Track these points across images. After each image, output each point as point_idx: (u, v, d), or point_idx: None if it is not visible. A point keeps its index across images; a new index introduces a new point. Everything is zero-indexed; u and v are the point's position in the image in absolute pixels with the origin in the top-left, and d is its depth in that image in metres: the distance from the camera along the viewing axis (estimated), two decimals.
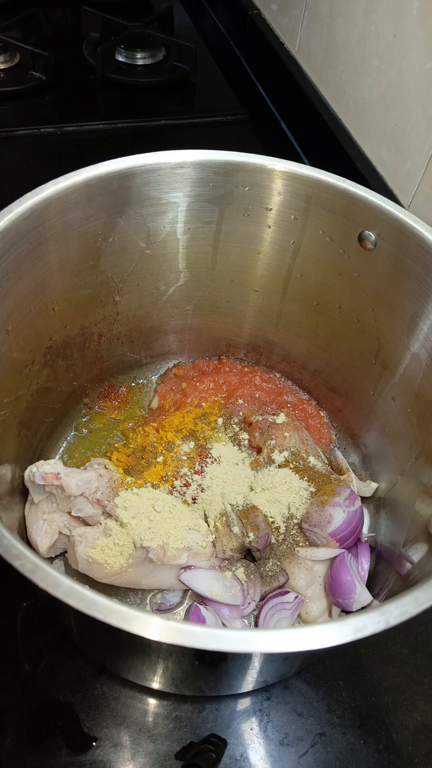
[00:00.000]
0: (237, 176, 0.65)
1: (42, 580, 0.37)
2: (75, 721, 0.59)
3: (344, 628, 0.37)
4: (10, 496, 0.63)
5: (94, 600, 0.36)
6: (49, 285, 0.64)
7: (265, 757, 0.59)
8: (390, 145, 0.89)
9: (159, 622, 0.35)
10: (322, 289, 0.72)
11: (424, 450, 0.63)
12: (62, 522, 0.65)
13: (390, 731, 0.61)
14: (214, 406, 0.82)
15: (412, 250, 0.59)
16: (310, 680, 0.64)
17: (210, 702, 0.62)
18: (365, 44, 0.91)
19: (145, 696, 0.62)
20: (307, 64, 1.12)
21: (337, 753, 0.60)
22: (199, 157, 0.64)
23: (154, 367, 0.88)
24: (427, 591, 0.39)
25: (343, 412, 0.81)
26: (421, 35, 0.79)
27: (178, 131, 1.21)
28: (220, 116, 1.23)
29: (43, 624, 0.65)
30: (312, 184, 0.63)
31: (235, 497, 0.68)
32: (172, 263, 0.74)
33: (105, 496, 0.64)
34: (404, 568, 0.59)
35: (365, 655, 0.66)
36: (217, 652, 0.35)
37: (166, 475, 0.73)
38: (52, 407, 0.75)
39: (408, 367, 0.65)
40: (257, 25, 1.26)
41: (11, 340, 0.61)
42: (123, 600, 0.66)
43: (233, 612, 0.64)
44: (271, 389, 0.85)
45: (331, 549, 0.66)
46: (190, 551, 0.63)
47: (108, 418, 0.82)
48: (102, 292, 0.72)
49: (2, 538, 0.39)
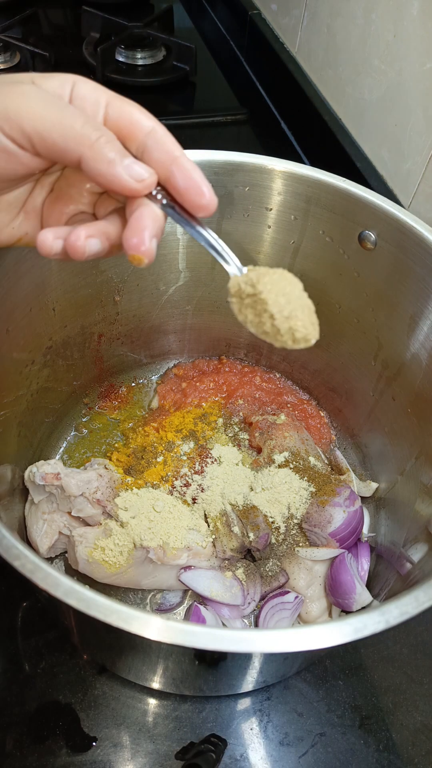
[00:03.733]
0: (237, 176, 0.65)
1: (42, 580, 0.37)
2: (75, 721, 0.59)
3: (344, 628, 0.37)
4: (10, 496, 0.63)
5: (94, 600, 0.36)
6: (49, 285, 0.64)
7: (265, 757, 0.59)
8: (390, 145, 0.89)
9: (159, 622, 0.35)
10: (322, 289, 0.72)
11: (424, 450, 0.63)
12: (62, 522, 0.65)
13: (390, 731, 0.61)
14: (214, 406, 0.82)
15: (412, 250, 0.59)
16: (310, 680, 0.64)
17: (210, 702, 0.62)
18: (365, 44, 0.91)
19: (145, 696, 0.62)
20: (307, 64, 1.12)
21: (337, 753, 0.60)
22: (199, 157, 0.64)
23: (154, 367, 0.88)
24: (427, 591, 0.39)
25: (343, 412, 0.81)
26: (421, 35, 0.79)
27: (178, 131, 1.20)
28: (220, 116, 1.23)
29: (43, 624, 0.65)
30: (312, 184, 0.63)
31: (235, 497, 0.68)
32: (172, 263, 0.74)
33: (105, 496, 0.64)
34: (404, 568, 0.59)
35: (365, 655, 0.66)
36: (217, 652, 0.35)
37: (166, 475, 0.73)
38: (52, 407, 0.75)
39: (408, 367, 0.65)
40: (257, 25, 1.26)
41: (11, 340, 0.61)
42: (123, 600, 0.66)
43: (233, 612, 0.64)
44: (271, 389, 0.85)
45: (331, 549, 0.66)
46: (190, 551, 0.63)
47: (108, 418, 0.82)
48: (102, 292, 0.72)
49: (2, 538, 0.39)
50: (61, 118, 0.36)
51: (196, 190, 0.38)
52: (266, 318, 0.40)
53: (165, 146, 0.38)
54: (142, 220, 0.38)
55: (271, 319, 0.39)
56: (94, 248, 0.40)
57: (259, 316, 0.40)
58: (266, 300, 0.39)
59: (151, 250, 0.38)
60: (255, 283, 0.40)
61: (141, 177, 0.37)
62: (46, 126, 0.35)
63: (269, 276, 0.40)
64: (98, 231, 0.40)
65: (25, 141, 0.36)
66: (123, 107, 0.39)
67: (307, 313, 0.40)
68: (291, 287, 0.40)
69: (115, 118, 0.38)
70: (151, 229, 0.38)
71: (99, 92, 0.39)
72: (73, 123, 0.36)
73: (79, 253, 0.39)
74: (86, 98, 0.38)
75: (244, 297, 0.41)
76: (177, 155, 0.38)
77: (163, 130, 0.39)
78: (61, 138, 0.36)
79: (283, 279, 0.40)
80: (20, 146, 0.36)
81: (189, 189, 0.38)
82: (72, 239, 0.39)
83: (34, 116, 0.35)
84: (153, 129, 0.38)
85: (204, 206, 0.39)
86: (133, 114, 0.39)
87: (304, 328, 0.39)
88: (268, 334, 0.41)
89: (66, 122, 0.36)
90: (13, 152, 0.37)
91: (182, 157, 0.38)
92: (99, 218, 0.42)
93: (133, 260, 0.38)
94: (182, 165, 0.38)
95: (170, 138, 0.39)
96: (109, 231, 0.40)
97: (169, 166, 0.38)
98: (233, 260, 0.42)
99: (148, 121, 0.39)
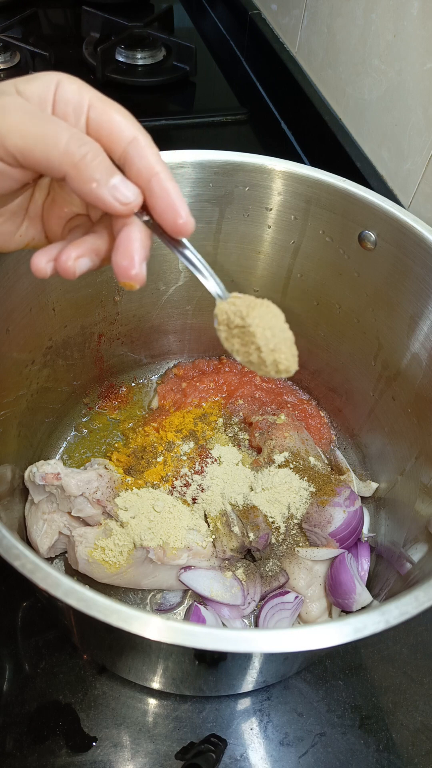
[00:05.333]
0: (237, 176, 0.65)
1: (42, 580, 0.37)
2: (75, 721, 0.59)
3: (344, 628, 0.37)
4: (10, 496, 0.63)
5: (94, 600, 0.36)
6: (49, 285, 0.64)
7: (265, 757, 0.59)
8: (390, 145, 0.89)
9: (159, 622, 0.35)
10: (322, 289, 0.72)
11: (424, 450, 0.63)
12: (62, 522, 0.65)
13: (390, 731, 0.61)
14: (214, 406, 0.82)
15: (412, 250, 0.59)
16: (310, 680, 0.64)
17: (210, 702, 0.62)
18: (365, 44, 0.91)
19: (145, 696, 0.62)
20: (307, 64, 1.12)
21: (337, 753, 0.60)
22: (199, 157, 0.64)
23: (154, 367, 0.88)
24: (427, 591, 0.39)
25: (343, 412, 0.81)
26: (421, 35, 0.79)
27: (178, 131, 1.21)
28: (220, 116, 1.23)
29: (43, 624, 0.65)
30: (312, 184, 0.63)
31: (235, 497, 0.68)
32: (172, 263, 0.74)
33: (105, 496, 0.64)
34: (404, 568, 0.59)
35: (365, 655, 0.66)
36: (217, 652, 0.35)
37: (166, 475, 0.73)
38: (52, 407, 0.75)
39: (408, 367, 0.65)
40: (257, 25, 1.26)
41: (11, 340, 0.61)
42: (123, 600, 0.66)
43: (233, 612, 0.64)
44: (271, 389, 0.85)
45: (331, 549, 0.66)
46: (190, 551, 0.63)
47: (108, 418, 0.82)
48: (102, 292, 0.72)
49: (2, 538, 0.39)
50: (43, 135, 0.34)
51: (172, 210, 0.37)
52: (253, 349, 0.42)
53: (145, 159, 0.37)
54: (131, 243, 0.37)
55: (257, 351, 0.41)
56: (84, 267, 0.39)
57: (246, 346, 0.42)
58: (255, 333, 0.41)
59: (141, 275, 0.38)
60: (245, 315, 0.41)
61: (126, 200, 0.36)
62: (28, 144, 0.34)
63: (257, 309, 0.41)
64: (87, 249, 0.39)
65: (10, 158, 0.35)
66: (104, 112, 0.37)
67: (289, 346, 0.42)
68: (275, 320, 0.42)
69: (95, 125, 0.37)
70: (140, 253, 0.37)
71: (83, 93, 0.37)
72: (56, 140, 0.34)
73: (69, 273, 0.39)
74: (69, 102, 0.37)
75: (232, 327, 0.42)
76: (157, 171, 0.37)
77: (146, 140, 0.37)
78: (44, 156, 0.35)
79: (269, 312, 0.42)
80: (7, 163, 0.36)
81: (165, 209, 0.37)
82: (62, 260, 0.38)
83: (16, 134, 0.34)
84: (134, 138, 0.37)
85: (180, 227, 0.37)
86: (113, 121, 0.37)
87: (287, 361, 0.42)
88: (253, 364, 0.43)
89: (49, 140, 0.34)
90: (2, 170, 0.36)
91: (162, 173, 0.37)
92: (93, 220, 0.42)
93: (125, 286, 0.38)
94: (161, 182, 0.37)
95: (152, 150, 0.37)
96: (98, 246, 0.40)
97: (148, 181, 0.37)
98: (217, 282, 0.42)
99: (130, 129, 0.37)
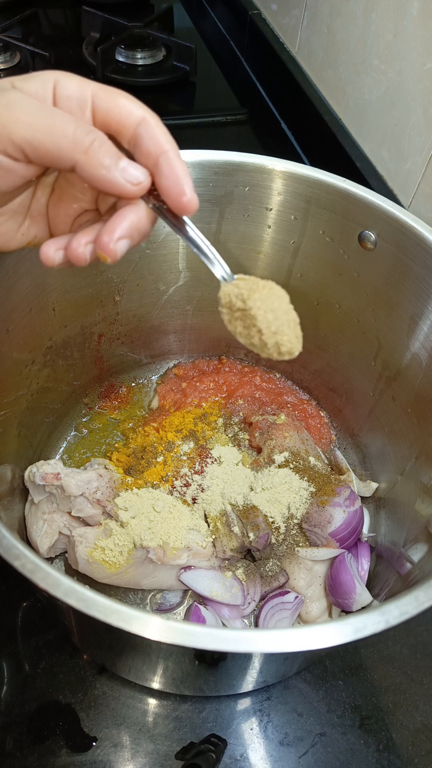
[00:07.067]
0: (237, 176, 0.65)
1: (42, 580, 0.37)
2: (75, 721, 0.59)
3: (344, 628, 0.37)
4: (10, 496, 0.63)
5: (94, 600, 0.36)
6: (49, 285, 0.64)
7: (265, 757, 0.59)
8: (390, 145, 0.89)
9: (159, 622, 0.35)
10: (322, 289, 0.72)
11: (424, 450, 0.63)
12: (62, 522, 0.65)
13: (390, 731, 0.61)
14: (214, 406, 0.82)
15: (412, 250, 0.59)
16: (310, 680, 0.64)
17: (210, 702, 0.62)
18: (365, 44, 0.91)
19: (145, 696, 0.62)
20: (307, 64, 1.12)
21: (337, 753, 0.60)
22: (199, 157, 0.64)
23: (154, 367, 0.88)
24: (427, 591, 0.39)
25: (343, 412, 0.81)
26: (421, 35, 0.79)
27: (178, 131, 1.20)
28: (220, 116, 1.23)
29: (43, 624, 0.65)
30: (312, 184, 0.63)
31: (235, 497, 0.68)
32: (172, 263, 0.74)
33: (105, 496, 0.64)
34: (404, 568, 0.59)
35: (365, 655, 0.66)
36: (217, 652, 0.35)
37: (166, 475, 0.73)
38: (52, 407, 0.75)
39: (408, 367, 0.65)
40: (257, 25, 1.26)
41: (11, 340, 0.61)
42: (123, 600, 0.66)
43: (233, 612, 0.64)
44: (271, 389, 0.85)
45: (331, 549, 0.66)
46: (190, 551, 0.63)
47: (108, 418, 0.82)
48: (102, 292, 0.72)
49: (2, 538, 0.39)
50: (51, 125, 0.35)
51: (177, 187, 0.37)
52: (254, 332, 0.42)
53: (155, 138, 0.37)
54: (119, 220, 0.38)
55: (259, 333, 0.42)
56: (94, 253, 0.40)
57: (248, 329, 0.42)
58: (256, 316, 0.41)
59: (114, 251, 0.38)
60: (245, 298, 0.41)
61: (137, 180, 0.37)
62: (37, 135, 0.34)
63: (259, 292, 0.41)
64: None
65: (17, 152, 0.35)
66: (110, 99, 0.37)
67: (292, 328, 0.42)
68: (279, 302, 0.42)
69: (103, 112, 0.37)
70: (123, 230, 0.38)
71: (83, 88, 0.37)
72: (64, 129, 0.35)
73: (81, 260, 0.39)
74: (72, 97, 0.37)
75: (234, 310, 0.43)
76: (166, 149, 0.37)
77: (155, 119, 0.37)
78: (54, 146, 0.35)
79: (272, 294, 0.42)
80: (13, 159, 0.36)
81: (171, 186, 0.37)
82: (73, 247, 0.39)
83: (24, 126, 0.34)
84: (143, 118, 0.37)
85: (184, 205, 0.38)
86: (121, 105, 0.37)
87: (289, 343, 0.42)
88: (255, 346, 0.43)
89: (57, 129, 0.35)
90: (7, 166, 0.36)
91: (171, 152, 0.37)
92: (102, 213, 0.42)
93: (99, 256, 0.39)
94: (170, 160, 0.37)
95: (161, 129, 0.38)
96: None
97: (156, 159, 0.37)
98: (221, 264, 0.42)
99: (138, 110, 0.37)
